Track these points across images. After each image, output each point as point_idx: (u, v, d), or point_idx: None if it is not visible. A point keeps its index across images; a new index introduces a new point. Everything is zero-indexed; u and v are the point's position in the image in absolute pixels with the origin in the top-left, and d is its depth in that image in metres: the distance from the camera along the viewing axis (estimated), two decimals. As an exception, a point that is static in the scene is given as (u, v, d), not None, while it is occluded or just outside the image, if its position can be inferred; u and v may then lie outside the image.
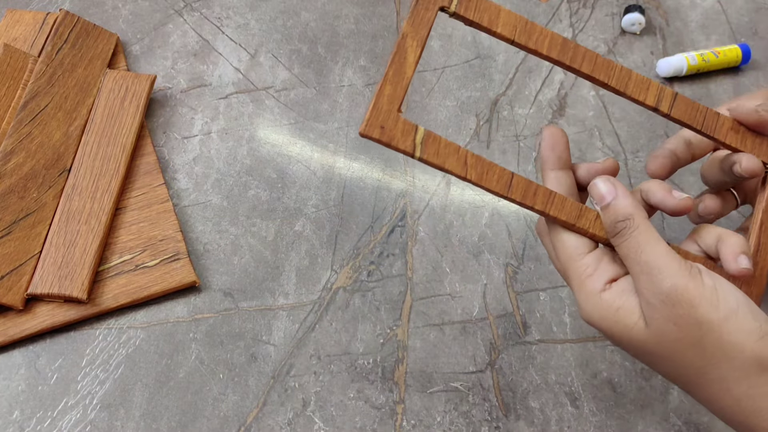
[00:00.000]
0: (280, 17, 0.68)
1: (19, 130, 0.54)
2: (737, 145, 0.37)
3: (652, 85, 0.37)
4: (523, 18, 0.36)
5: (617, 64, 0.37)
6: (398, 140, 0.34)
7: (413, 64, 0.35)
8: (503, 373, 0.50)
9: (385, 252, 0.55)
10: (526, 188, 0.35)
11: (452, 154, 0.35)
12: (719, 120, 0.37)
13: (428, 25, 0.35)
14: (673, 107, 0.37)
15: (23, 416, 0.47)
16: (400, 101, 0.35)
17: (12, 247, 0.50)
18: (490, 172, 0.35)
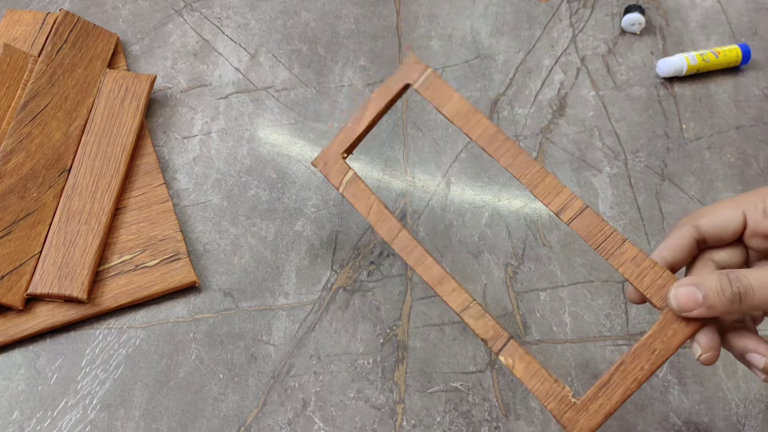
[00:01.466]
0: (280, 17, 0.68)
1: (19, 130, 0.54)
2: (632, 279, 0.36)
3: (563, 192, 0.38)
4: (469, 106, 0.42)
5: (537, 165, 0.39)
6: (332, 176, 0.45)
7: (366, 124, 0.45)
8: (503, 373, 0.50)
9: (385, 252, 0.55)
10: (406, 244, 0.41)
11: (364, 198, 0.44)
12: (621, 247, 0.37)
13: (390, 95, 0.44)
14: (575, 219, 0.38)
15: (23, 416, 0.47)
16: (347, 148, 0.45)
17: (12, 247, 0.50)
18: (385, 221, 0.42)
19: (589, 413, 0.35)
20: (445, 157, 0.60)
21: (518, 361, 0.37)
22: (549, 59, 0.66)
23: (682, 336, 0.35)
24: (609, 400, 0.35)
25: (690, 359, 0.52)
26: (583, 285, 0.54)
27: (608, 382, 0.35)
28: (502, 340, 0.38)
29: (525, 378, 0.37)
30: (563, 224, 0.57)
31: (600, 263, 0.55)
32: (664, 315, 0.35)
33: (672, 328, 0.35)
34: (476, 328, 0.39)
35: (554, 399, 0.36)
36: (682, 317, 0.34)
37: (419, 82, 0.43)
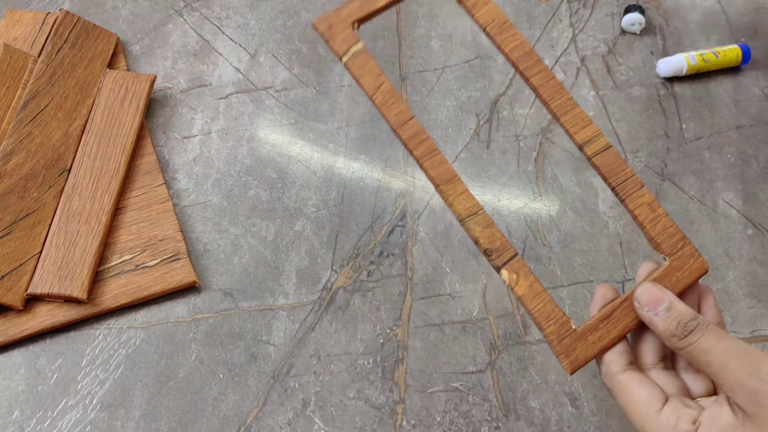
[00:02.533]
0: (280, 17, 0.68)
1: (19, 130, 0.54)
2: (645, 223, 0.36)
3: (591, 127, 0.37)
4: (504, 17, 0.39)
5: (567, 93, 0.38)
6: (336, 42, 0.38)
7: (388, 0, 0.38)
8: (503, 373, 0.50)
9: (385, 252, 0.55)
10: (416, 133, 0.37)
11: (372, 75, 0.37)
12: (639, 191, 0.36)
13: None
14: (598, 154, 0.37)
15: (23, 416, 0.47)
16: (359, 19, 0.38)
17: (12, 247, 0.50)
18: (394, 104, 0.37)
19: (587, 343, 0.34)
20: (445, 157, 0.60)
21: (522, 278, 0.35)
22: (549, 59, 0.66)
23: (685, 282, 0.35)
24: (608, 333, 0.34)
25: (690, 359, 0.52)
26: (583, 285, 0.54)
27: (610, 315, 0.34)
28: (508, 254, 0.35)
29: (527, 297, 0.34)
30: (563, 224, 0.57)
31: (600, 263, 0.55)
32: (670, 261, 0.35)
33: (676, 275, 0.35)
34: (481, 236, 0.35)
35: (555, 323, 0.34)
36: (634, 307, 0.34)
37: None
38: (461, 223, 0.36)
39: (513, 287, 0.35)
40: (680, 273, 0.35)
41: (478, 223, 0.36)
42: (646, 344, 0.34)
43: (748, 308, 0.54)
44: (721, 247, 0.57)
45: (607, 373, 0.33)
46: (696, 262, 0.35)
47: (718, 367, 0.31)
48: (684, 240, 0.36)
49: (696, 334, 0.32)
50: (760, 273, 0.56)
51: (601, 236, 0.57)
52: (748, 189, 0.60)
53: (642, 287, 0.34)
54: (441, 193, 0.36)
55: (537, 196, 0.58)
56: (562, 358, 0.33)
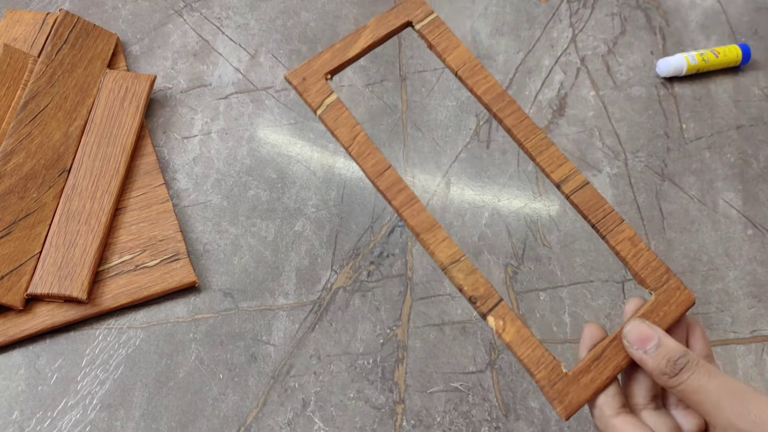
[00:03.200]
0: (280, 17, 0.68)
1: (19, 130, 0.54)
2: (628, 258, 0.36)
3: (566, 165, 0.37)
4: (474, 59, 0.39)
5: (541, 132, 0.38)
6: (310, 95, 0.38)
7: (358, 50, 0.39)
8: (503, 373, 0.50)
9: (385, 252, 0.55)
10: (393, 183, 0.37)
11: (348, 126, 0.38)
12: (619, 227, 0.36)
13: (390, 29, 0.40)
14: (577, 192, 0.37)
15: (23, 416, 0.47)
16: (331, 70, 0.39)
17: (12, 247, 0.50)
18: (370, 155, 0.37)
19: (579, 386, 0.33)
20: (445, 157, 0.60)
21: (509, 324, 0.34)
22: (549, 59, 0.66)
23: (673, 316, 0.35)
24: (600, 374, 0.33)
25: (690, 359, 0.52)
26: (583, 285, 0.54)
27: (601, 355, 0.34)
28: (493, 300, 0.35)
29: (515, 343, 0.34)
30: (563, 224, 0.57)
31: (600, 263, 0.55)
32: (656, 296, 0.35)
33: (663, 310, 0.34)
34: (465, 284, 0.35)
35: (545, 368, 0.34)
36: (623, 345, 0.34)
37: (423, 23, 0.40)
38: (444, 271, 0.36)
39: (500, 334, 0.34)
40: (667, 307, 0.35)
41: (461, 270, 0.35)
42: (637, 384, 0.34)
43: (748, 308, 0.54)
44: (721, 247, 0.57)
45: (600, 417, 0.33)
46: (682, 295, 0.35)
47: (710, 406, 0.31)
48: (668, 273, 0.36)
49: (686, 372, 0.31)
50: (760, 273, 0.56)
51: (601, 236, 0.57)
52: (748, 189, 0.60)
53: (630, 324, 0.33)
54: (422, 242, 0.36)
55: (537, 196, 0.58)
56: (555, 404, 0.33)
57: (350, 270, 0.54)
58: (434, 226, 0.36)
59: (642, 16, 0.70)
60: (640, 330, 0.33)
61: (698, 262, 0.56)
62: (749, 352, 0.52)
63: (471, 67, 0.39)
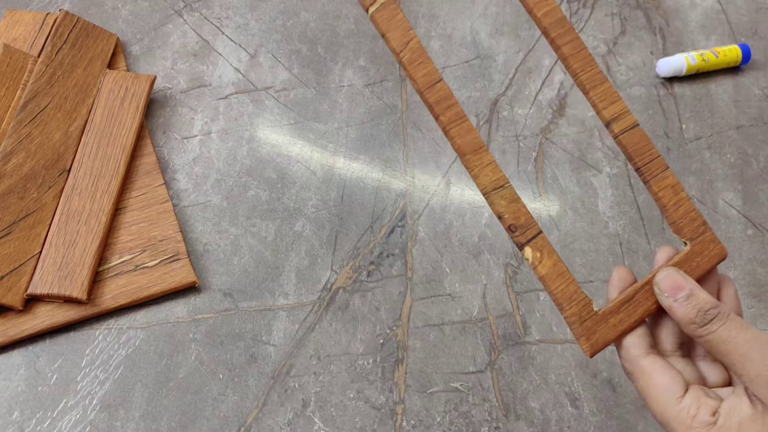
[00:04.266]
0: (280, 17, 0.68)
1: (18, 131, 0.54)
2: (668, 206, 0.35)
3: (619, 103, 0.36)
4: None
5: (597, 66, 0.36)
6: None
7: None
8: (503, 373, 0.50)
9: (385, 252, 0.55)
10: (443, 97, 0.34)
11: (401, 29, 0.34)
12: (664, 173, 0.36)
13: None
14: (625, 133, 0.36)
15: (23, 416, 0.47)
16: None
17: (12, 248, 0.50)
18: (423, 64, 0.34)
19: (608, 326, 0.33)
20: (445, 157, 0.60)
21: (546, 257, 0.33)
22: (549, 59, 0.66)
23: (704, 268, 0.34)
24: (629, 317, 0.33)
25: (690, 359, 0.52)
26: (583, 285, 0.54)
27: (632, 298, 0.33)
28: (533, 231, 0.33)
29: (549, 277, 0.33)
30: (563, 224, 0.57)
31: (600, 263, 0.55)
32: (692, 246, 0.35)
33: (696, 260, 0.34)
34: (506, 211, 0.33)
35: (576, 304, 0.33)
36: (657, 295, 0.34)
37: None
38: (485, 196, 0.34)
39: (536, 266, 0.33)
40: (700, 258, 0.34)
41: (504, 197, 0.33)
42: (665, 330, 0.34)
43: (748, 308, 0.54)
44: (721, 247, 0.57)
45: (628, 357, 0.33)
46: (716, 248, 0.35)
47: (738, 357, 0.31)
48: (705, 225, 0.35)
49: (716, 322, 0.31)
50: (760, 273, 0.56)
51: (601, 236, 0.57)
52: (748, 189, 0.60)
53: (663, 272, 0.33)
54: (466, 163, 0.34)
55: (537, 196, 0.58)
56: (582, 341, 0.33)
57: (350, 270, 0.54)
58: (481, 149, 0.34)
59: (642, 16, 0.70)
60: (674, 279, 0.33)
61: (698, 262, 0.56)
62: (749, 352, 0.52)
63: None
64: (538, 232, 0.34)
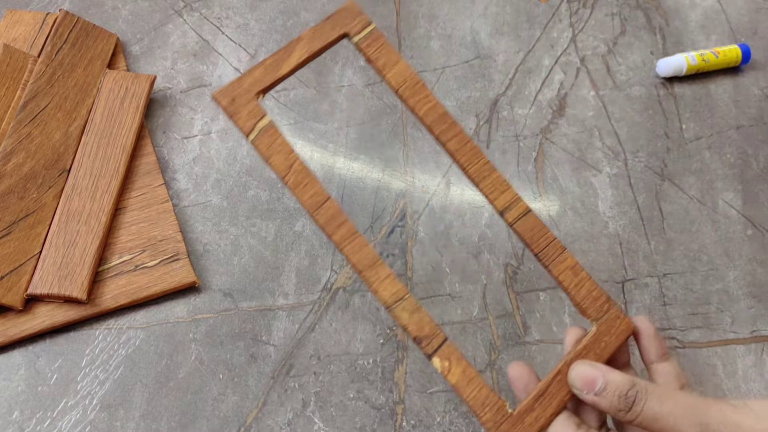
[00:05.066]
0: (280, 17, 0.68)
1: (18, 131, 0.54)
2: (569, 288, 0.35)
3: (509, 192, 0.36)
4: (416, 77, 0.37)
5: (484, 157, 0.36)
6: (240, 118, 0.35)
7: (293, 65, 0.36)
8: (503, 373, 0.50)
9: (385, 252, 0.55)
10: (333, 216, 0.35)
11: (283, 153, 0.35)
12: (562, 255, 0.36)
13: (326, 41, 0.37)
14: (519, 221, 0.36)
15: (23, 416, 0.47)
16: (264, 88, 0.36)
17: (12, 248, 0.50)
18: (309, 185, 0.35)
19: (524, 425, 0.33)
20: (445, 157, 0.60)
21: (455, 364, 0.33)
22: (549, 59, 0.66)
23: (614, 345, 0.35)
24: (544, 412, 0.33)
25: (690, 359, 0.52)
26: (583, 285, 0.54)
27: (545, 392, 0.33)
28: (438, 340, 0.34)
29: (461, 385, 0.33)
30: (563, 224, 0.57)
31: (600, 263, 0.55)
32: (597, 327, 0.35)
33: (604, 340, 0.34)
34: (409, 323, 0.34)
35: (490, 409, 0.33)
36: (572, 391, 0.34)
37: (360, 35, 0.37)
38: (388, 310, 0.34)
39: (446, 375, 0.33)
40: (608, 337, 0.35)
41: (405, 309, 0.34)
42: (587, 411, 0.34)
43: (748, 308, 0.54)
44: (721, 247, 0.57)
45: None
46: (622, 324, 0.35)
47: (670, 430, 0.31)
48: (609, 302, 0.35)
49: (639, 402, 0.31)
50: (760, 273, 0.56)
51: (601, 236, 0.57)
52: (748, 189, 0.60)
53: (573, 370, 0.33)
54: (364, 279, 0.34)
55: (537, 196, 0.58)
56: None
57: (350, 270, 0.54)
58: (376, 263, 0.34)
59: (642, 16, 0.70)
60: (585, 373, 0.33)
61: (698, 262, 0.56)
62: (749, 353, 0.52)
63: (412, 86, 0.37)
64: (443, 340, 0.34)
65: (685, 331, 0.53)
